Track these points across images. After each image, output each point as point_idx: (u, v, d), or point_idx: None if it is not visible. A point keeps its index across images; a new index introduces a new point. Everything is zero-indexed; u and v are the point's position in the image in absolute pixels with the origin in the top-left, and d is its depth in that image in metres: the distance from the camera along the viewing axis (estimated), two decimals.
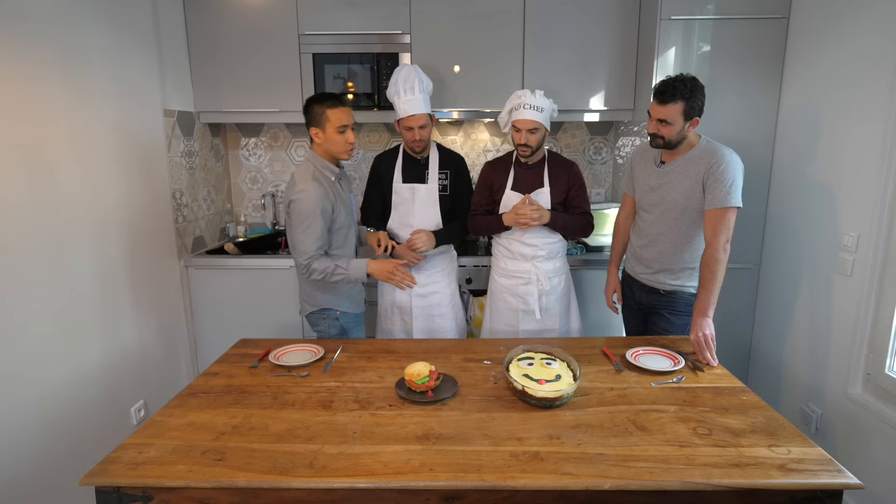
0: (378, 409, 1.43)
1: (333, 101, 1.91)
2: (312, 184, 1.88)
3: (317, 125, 1.92)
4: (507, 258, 2.26)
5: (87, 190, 2.08)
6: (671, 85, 1.78)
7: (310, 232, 1.88)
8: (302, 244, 1.89)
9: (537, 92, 2.09)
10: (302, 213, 1.87)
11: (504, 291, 2.27)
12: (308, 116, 1.93)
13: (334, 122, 1.90)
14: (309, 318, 2.11)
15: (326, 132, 1.91)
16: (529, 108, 2.04)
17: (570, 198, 2.20)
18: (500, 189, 2.23)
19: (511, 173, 2.22)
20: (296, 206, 1.88)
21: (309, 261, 1.89)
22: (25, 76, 1.81)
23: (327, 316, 2.07)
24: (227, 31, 2.75)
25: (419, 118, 2.14)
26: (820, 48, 2.18)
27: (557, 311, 2.25)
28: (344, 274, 1.91)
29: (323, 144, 1.95)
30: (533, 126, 2.06)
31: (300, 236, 1.89)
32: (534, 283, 2.20)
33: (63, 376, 1.97)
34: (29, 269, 1.82)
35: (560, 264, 2.26)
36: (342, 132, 1.92)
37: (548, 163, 2.20)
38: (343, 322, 2.09)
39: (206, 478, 1.15)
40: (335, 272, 1.90)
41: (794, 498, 1.15)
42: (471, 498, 1.15)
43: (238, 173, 3.31)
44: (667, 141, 1.86)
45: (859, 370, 1.98)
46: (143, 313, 2.43)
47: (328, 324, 2.08)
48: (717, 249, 1.79)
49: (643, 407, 1.43)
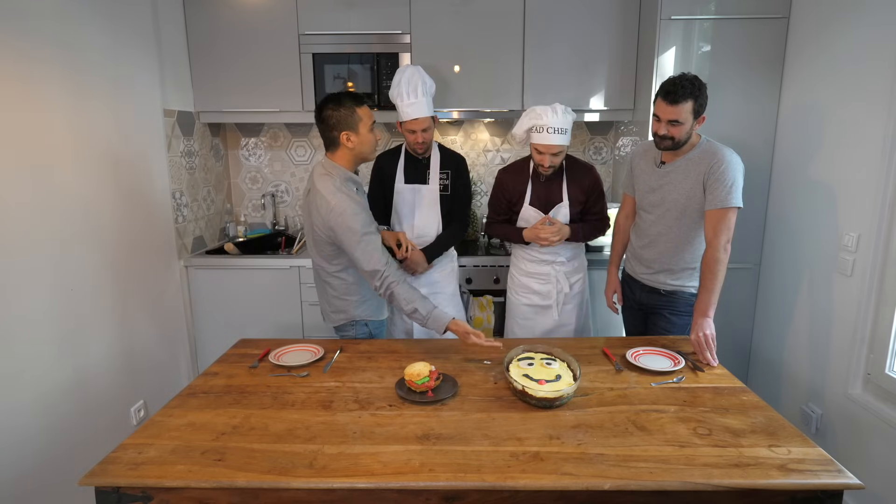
0: (378, 410, 1.43)
1: (355, 98, 1.76)
2: (346, 199, 1.73)
3: (348, 128, 1.75)
4: (526, 260, 2.27)
5: (86, 190, 2.08)
6: (679, 84, 1.75)
7: (371, 248, 1.73)
8: (368, 262, 1.73)
9: (558, 108, 1.98)
10: (354, 232, 1.72)
11: (523, 289, 2.28)
12: (329, 122, 1.75)
13: (367, 121, 1.77)
14: (337, 326, 2.02)
15: (360, 133, 1.77)
16: (553, 133, 1.96)
17: (589, 205, 2.19)
18: (517, 202, 2.20)
19: (529, 186, 2.18)
20: (345, 226, 1.72)
21: (384, 277, 1.73)
22: (24, 74, 1.81)
23: (356, 323, 1.99)
24: (227, 31, 2.75)
25: (422, 122, 2.12)
26: (820, 48, 2.18)
27: (573, 308, 2.27)
28: (420, 320, 1.74)
29: (356, 148, 1.79)
30: (557, 150, 2.00)
31: (364, 256, 1.73)
32: (553, 284, 2.21)
33: (63, 376, 1.97)
34: (28, 269, 1.82)
35: (578, 264, 2.28)
36: (372, 130, 1.81)
37: (566, 173, 2.15)
38: (372, 328, 2.02)
39: (206, 478, 1.15)
40: (413, 314, 1.74)
41: (795, 498, 1.14)
42: (471, 498, 1.15)
43: (238, 173, 3.30)
44: (676, 141, 1.83)
45: (859, 370, 1.98)
46: (143, 313, 2.43)
47: (356, 330, 2.00)
48: (718, 249, 1.79)
49: (643, 407, 1.43)
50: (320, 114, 1.78)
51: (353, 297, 1.94)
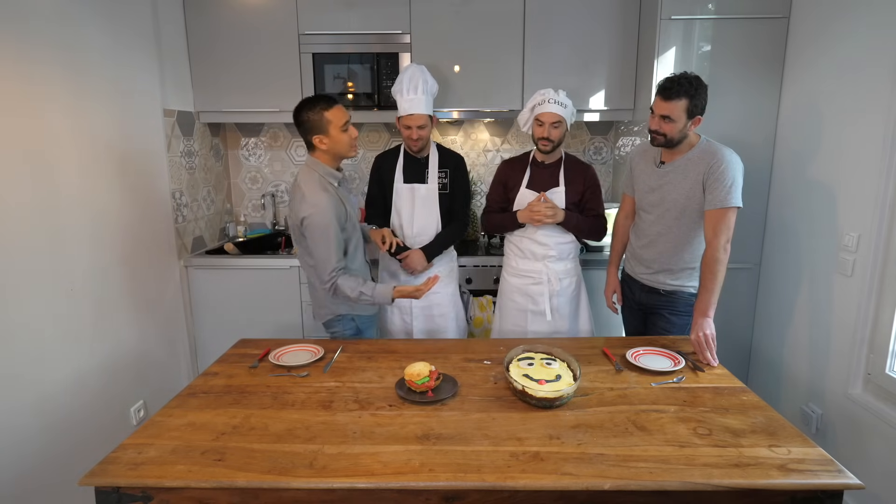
0: (378, 410, 1.43)
1: (325, 101, 1.83)
2: (322, 195, 1.81)
3: (318, 131, 1.83)
4: (518, 257, 2.26)
5: (86, 190, 2.08)
6: (676, 81, 1.78)
7: (330, 246, 1.81)
8: (324, 261, 1.82)
9: (560, 91, 2.12)
10: (319, 226, 1.80)
11: (514, 291, 2.27)
12: (304, 126, 1.84)
13: (336, 123, 1.83)
14: (325, 322, 2.07)
15: (331, 135, 1.83)
16: (553, 103, 2.08)
17: (585, 200, 2.20)
18: (514, 187, 2.24)
19: (527, 172, 2.23)
20: (311, 221, 1.80)
21: (333, 277, 1.82)
22: (24, 74, 1.80)
23: (343, 318, 2.04)
24: (227, 31, 2.75)
25: (418, 118, 2.15)
26: (820, 48, 2.18)
27: (567, 313, 2.25)
28: (369, 300, 1.85)
29: (330, 149, 1.86)
30: (556, 119, 2.08)
31: (321, 252, 1.82)
32: (545, 284, 2.20)
33: (63, 376, 1.97)
34: (28, 269, 1.82)
35: (571, 266, 2.26)
36: (345, 130, 1.85)
37: (564, 164, 2.21)
38: (359, 323, 2.07)
39: (206, 478, 1.15)
40: (360, 298, 1.85)
41: (795, 498, 1.15)
42: (471, 498, 1.15)
43: (238, 173, 3.30)
44: (668, 139, 1.86)
45: (860, 370, 1.98)
46: (142, 313, 2.43)
47: (343, 325, 2.04)
48: (718, 249, 1.79)
49: (643, 407, 1.43)
50: (295, 119, 1.86)
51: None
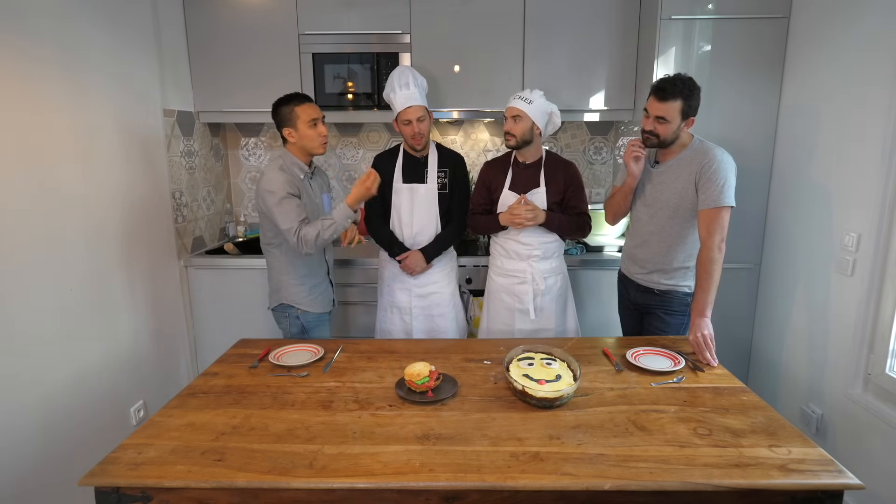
0: (378, 410, 1.43)
1: (299, 98, 1.99)
2: (279, 173, 1.94)
3: (288, 125, 1.98)
4: (503, 257, 2.26)
5: (86, 189, 2.08)
6: (671, 82, 1.79)
7: (287, 208, 1.90)
8: (284, 221, 1.91)
9: (536, 91, 2.11)
10: (273, 195, 1.91)
11: (500, 290, 2.27)
12: (278, 119, 2.00)
13: (304, 118, 1.96)
14: (273, 312, 2.16)
15: (298, 129, 1.97)
16: (518, 98, 2.08)
17: (568, 198, 2.20)
18: (497, 188, 2.23)
19: (509, 173, 2.22)
20: (264, 188, 1.93)
21: (297, 230, 1.90)
22: (23, 73, 1.80)
23: (288, 314, 2.11)
24: (227, 31, 2.75)
25: (416, 110, 2.15)
26: (820, 48, 2.18)
27: (553, 311, 2.25)
28: (332, 222, 1.91)
29: (297, 142, 2.00)
30: (515, 113, 2.07)
31: (280, 216, 1.91)
32: (529, 283, 2.20)
33: (62, 376, 1.97)
34: (28, 269, 1.82)
35: (556, 264, 2.25)
36: (314, 126, 1.98)
37: (545, 163, 2.20)
38: (304, 321, 2.11)
39: (206, 478, 1.15)
40: (326, 228, 1.90)
41: (795, 498, 1.14)
42: (471, 498, 1.15)
43: (238, 173, 3.30)
44: (661, 139, 1.86)
45: (860, 370, 1.98)
46: (142, 313, 2.43)
47: (289, 322, 2.12)
48: (712, 249, 1.79)
49: (643, 407, 1.43)
50: (272, 114, 2.02)
51: (286, 276, 2.08)
